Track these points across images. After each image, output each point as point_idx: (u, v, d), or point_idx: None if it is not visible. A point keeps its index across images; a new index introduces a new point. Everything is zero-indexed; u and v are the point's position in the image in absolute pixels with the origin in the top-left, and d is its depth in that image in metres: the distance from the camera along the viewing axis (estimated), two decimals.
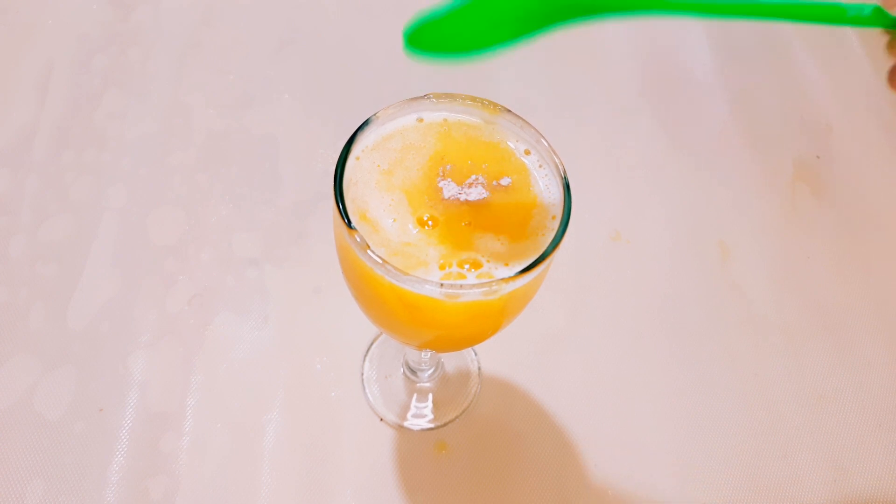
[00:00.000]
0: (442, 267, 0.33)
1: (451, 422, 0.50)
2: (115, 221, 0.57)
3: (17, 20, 0.69)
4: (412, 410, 0.51)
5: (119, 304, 0.53)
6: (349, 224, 0.32)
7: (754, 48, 0.73)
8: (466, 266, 0.33)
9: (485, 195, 0.35)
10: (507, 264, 0.33)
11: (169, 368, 0.51)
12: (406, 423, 0.50)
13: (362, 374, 0.52)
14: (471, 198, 0.34)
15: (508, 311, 0.35)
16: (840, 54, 0.73)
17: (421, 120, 0.37)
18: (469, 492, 0.48)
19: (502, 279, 0.31)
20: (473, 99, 0.37)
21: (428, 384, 0.53)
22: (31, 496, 0.46)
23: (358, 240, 0.31)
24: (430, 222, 0.34)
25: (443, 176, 0.35)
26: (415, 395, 0.52)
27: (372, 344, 0.53)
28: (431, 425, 0.50)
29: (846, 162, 0.65)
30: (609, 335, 0.54)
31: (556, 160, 0.35)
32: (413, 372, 0.53)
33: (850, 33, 0.74)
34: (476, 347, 0.54)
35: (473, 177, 0.35)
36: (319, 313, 0.54)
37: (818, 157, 0.65)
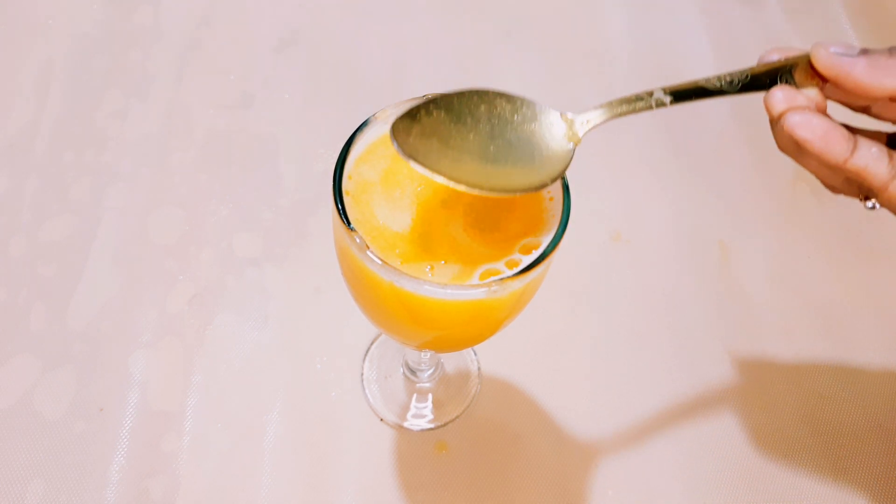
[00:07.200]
0: (441, 261, 0.33)
1: (451, 422, 0.50)
2: (115, 221, 0.57)
3: (17, 20, 0.69)
4: (412, 410, 0.51)
5: (119, 304, 0.53)
6: (348, 224, 0.32)
7: (754, 48, 0.73)
8: (466, 263, 0.33)
9: (483, 195, 0.35)
10: (506, 264, 0.33)
11: (169, 368, 0.51)
12: (406, 424, 0.50)
13: (362, 374, 0.52)
14: (469, 198, 0.34)
15: (508, 311, 0.35)
16: None
17: None
18: (469, 492, 0.48)
19: (502, 279, 0.31)
20: None
21: (428, 384, 0.53)
22: (31, 496, 0.46)
23: (357, 240, 0.31)
24: (429, 221, 0.34)
25: None
26: (415, 395, 0.52)
27: (372, 344, 0.53)
28: (431, 425, 0.50)
29: None
30: (609, 335, 0.54)
31: None
32: (413, 372, 0.53)
33: (851, 34, 0.74)
34: (476, 347, 0.54)
35: None
36: (319, 313, 0.54)
37: None
